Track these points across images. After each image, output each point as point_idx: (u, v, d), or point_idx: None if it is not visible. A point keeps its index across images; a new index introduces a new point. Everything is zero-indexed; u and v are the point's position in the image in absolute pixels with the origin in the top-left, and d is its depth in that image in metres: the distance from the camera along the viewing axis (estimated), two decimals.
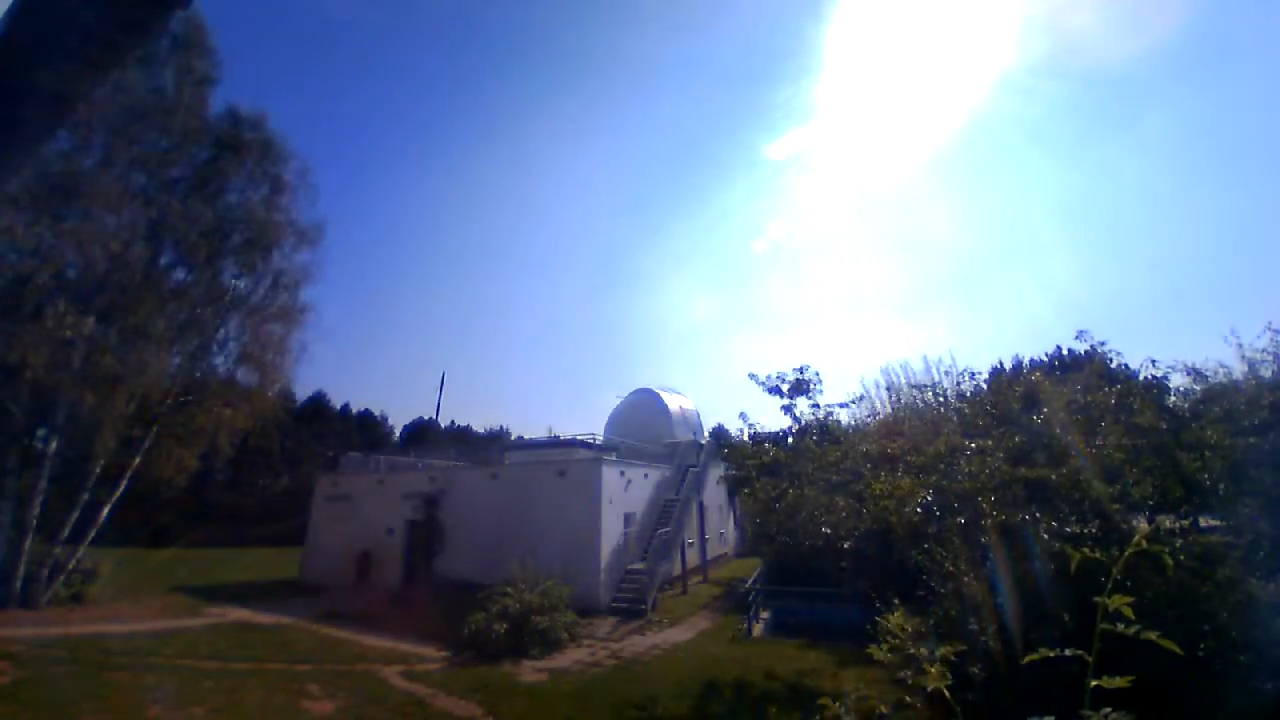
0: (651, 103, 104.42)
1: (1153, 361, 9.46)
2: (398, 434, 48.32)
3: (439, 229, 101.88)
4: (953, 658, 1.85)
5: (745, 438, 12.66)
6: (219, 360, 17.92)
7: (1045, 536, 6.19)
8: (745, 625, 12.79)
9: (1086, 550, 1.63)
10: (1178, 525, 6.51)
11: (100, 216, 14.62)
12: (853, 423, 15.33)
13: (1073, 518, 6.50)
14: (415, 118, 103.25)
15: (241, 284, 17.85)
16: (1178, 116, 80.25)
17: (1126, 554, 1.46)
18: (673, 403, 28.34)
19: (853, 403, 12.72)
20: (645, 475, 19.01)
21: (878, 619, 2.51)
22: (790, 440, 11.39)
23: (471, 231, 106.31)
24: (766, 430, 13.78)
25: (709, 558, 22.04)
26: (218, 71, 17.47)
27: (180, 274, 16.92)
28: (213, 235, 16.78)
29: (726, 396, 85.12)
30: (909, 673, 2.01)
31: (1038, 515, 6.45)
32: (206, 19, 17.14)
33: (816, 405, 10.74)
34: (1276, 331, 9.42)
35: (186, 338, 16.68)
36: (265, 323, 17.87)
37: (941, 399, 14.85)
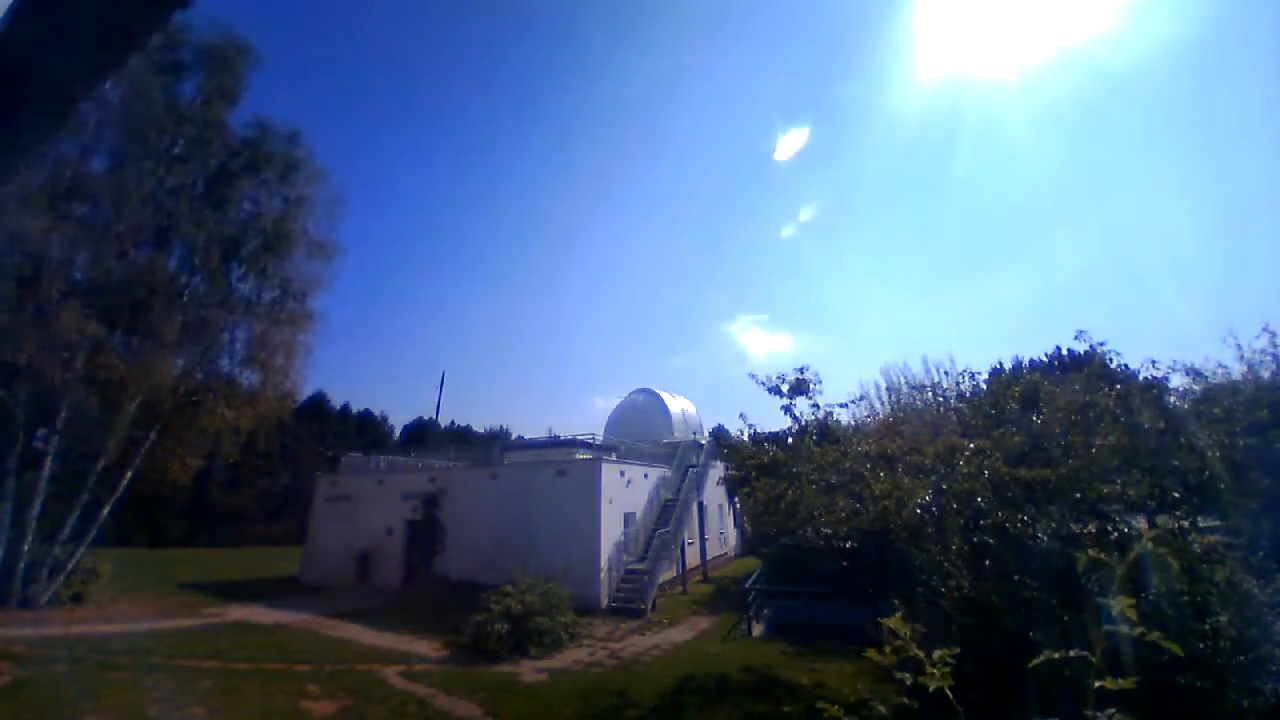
0: (652, 100, 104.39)
1: (1152, 362, 9.44)
2: (398, 434, 48.35)
3: (440, 228, 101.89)
4: (949, 660, 1.85)
5: (745, 438, 12.63)
6: (224, 362, 17.97)
7: (1044, 537, 6.19)
8: (745, 625, 12.79)
9: (1088, 551, 1.63)
10: (1177, 526, 6.51)
11: (108, 218, 14.62)
12: (852, 423, 15.31)
13: (1071, 518, 6.50)
14: (417, 116, 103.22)
15: (249, 288, 17.92)
16: (1179, 114, 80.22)
17: (1130, 555, 1.46)
18: (673, 403, 28.36)
19: (852, 403, 12.65)
20: (645, 475, 19.00)
21: (879, 620, 2.51)
22: (790, 440, 11.34)
23: (472, 230, 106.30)
24: (766, 430, 13.75)
25: (709, 558, 22.04)
26: (239, 87, 17.59)
27: (187, 277, 16.96)
28: (223, 241, 16.81)
29: (727, 397, 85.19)
30: (907, 675, 2.00)
31: (1037, 515, 6.45)
32: (247, 40, 17.38)
33: (816, 405, 10.68)
34: (1275, 333, 9.46)
35: (192, 340, 16.69)
36: (273, 327, 17.89)
37: (941, 399, 14.85)
